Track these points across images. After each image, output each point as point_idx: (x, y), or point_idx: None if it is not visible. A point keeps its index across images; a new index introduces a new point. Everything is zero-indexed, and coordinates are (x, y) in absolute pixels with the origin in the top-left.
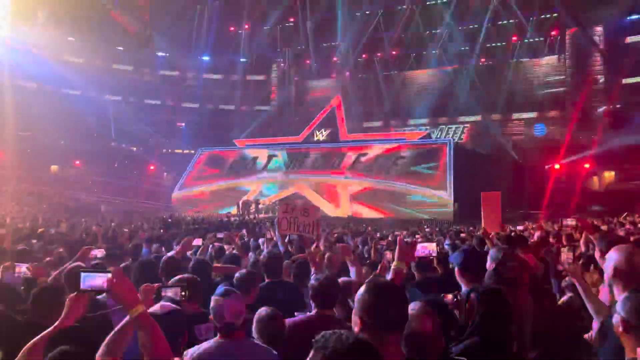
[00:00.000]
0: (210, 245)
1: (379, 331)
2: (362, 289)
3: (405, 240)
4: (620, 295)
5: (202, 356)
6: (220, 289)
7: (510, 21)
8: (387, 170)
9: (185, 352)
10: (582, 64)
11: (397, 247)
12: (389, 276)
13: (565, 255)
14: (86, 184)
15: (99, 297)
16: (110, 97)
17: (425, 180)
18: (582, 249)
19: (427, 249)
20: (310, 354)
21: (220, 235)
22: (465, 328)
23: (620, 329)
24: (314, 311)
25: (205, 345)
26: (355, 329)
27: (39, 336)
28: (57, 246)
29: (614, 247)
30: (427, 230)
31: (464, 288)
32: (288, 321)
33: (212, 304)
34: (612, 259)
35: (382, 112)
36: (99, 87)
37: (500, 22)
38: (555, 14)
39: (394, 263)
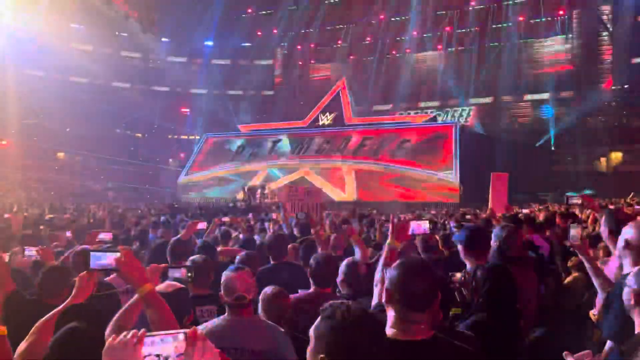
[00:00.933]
0: (217, 229)
1: (404, 307)
2: (394, 264)
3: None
4: (629, 269)
5: (211, 332)
6: (231, 266)
7: (517, 1)
8: (393, 153)
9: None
10: (591, 43)
11: (391, 226)
12: (383, 255)
13: (573, 232)
14: (93, 170)
15: (106, 279)
16: (117, 83)
17: (431, 163)
18: (590, 229)
19: (421, 226)
20: (316, 322)
21: (225, 219)
22: (471, 305)
23: (632, 301)
24: (312, 289)
25: (214, 322)
26: (384, 300)
27: (50, 313)
28: (64, 232)
29: (630, 222)
30: (432, 212)
31: (468, 266)
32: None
33: (222, 279)
34: (625, 232)
35: (391, 96)
36: (105, 74)
37: (506, 3)
38: None
39: (388, 241)
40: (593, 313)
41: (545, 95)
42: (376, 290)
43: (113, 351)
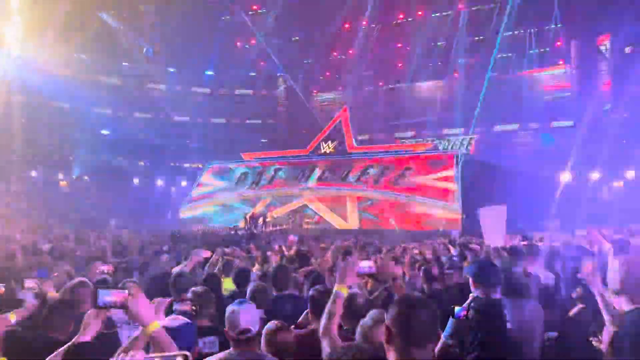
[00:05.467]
0: (221, 259)
1: (404, 344)
2: (395, 300)
3: (346, 260)
4: (629, 306)
5: None
6: (236, 300)
7: (516, 32)
8: (395, 181)
9: None
10: (588, 73)
11: (337, 270)
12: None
13: (585, 265)
14: (95, 198)
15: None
16: (119, 111)
17: (433, 191)
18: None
19: (366, 266)
20: None
21: (227, 250)
22: (469, 340)
23: None
24: (314, 323)
25: (218, 356)
26: (384, 338)
27: (57, 351)
28: (65, 262)
29: (617, 259)
30: (439, 241)
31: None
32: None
33: (227, 313)
34: (617, 271)
35: (397, 124)
36: (106, 101)
37: (506, 34)
38: (560, 25)
39: (335, 286)
40: (596, 341)
41: (546, 124)
42: (324, 342)
43: None
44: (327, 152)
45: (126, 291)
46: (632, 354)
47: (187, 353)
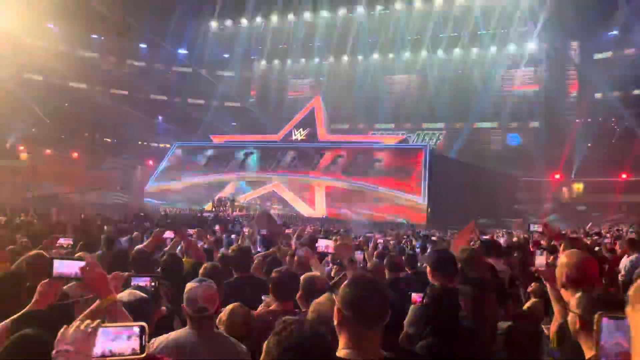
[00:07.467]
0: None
1: (356, 326)
2: (345, 282)
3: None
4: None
5: (169, 345)
6: (195, 278)
7: (490, 32)
8: (364, 172)
9: (152, 341)
10: (558, 77)
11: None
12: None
13: (539, 259)
14: (58, 173)
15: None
16: (92, 87)
17: (400, 183)
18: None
19: (323, 244)
20: (270, 336)
21: (191, 231)
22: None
23: (577, 325)
24: (274, 304)
25: (174, 334)
26: (335, 321)
27: (6, 320)
28: (22, 235)
29: (564, 253)
30: (400, 232)
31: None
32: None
33: (185, 290)
34: (563, 265)
35: (374, 115)
36: (79, 76)
37: (480, 32)
38: (534, 27)
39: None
40: (545, 329)
41: (514, 124)
42: None
43: (66, 338)
44: (299, 139)
45: (82, 262)
46: (576, 342)
47: (144, 323)
